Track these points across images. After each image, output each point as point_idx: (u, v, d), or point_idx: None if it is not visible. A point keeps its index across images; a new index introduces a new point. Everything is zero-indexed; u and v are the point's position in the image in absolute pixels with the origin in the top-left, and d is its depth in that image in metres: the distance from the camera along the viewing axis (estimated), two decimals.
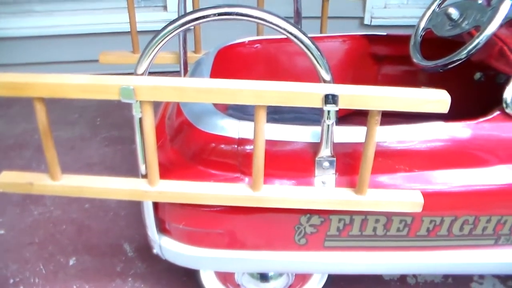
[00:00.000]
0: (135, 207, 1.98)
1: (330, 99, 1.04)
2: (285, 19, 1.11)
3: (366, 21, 3.01)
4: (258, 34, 1.94)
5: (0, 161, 2.39)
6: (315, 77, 1.69)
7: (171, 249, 1.38)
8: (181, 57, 1.84)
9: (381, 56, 1.87)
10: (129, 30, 2.69)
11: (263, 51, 1.76)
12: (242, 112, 1.66)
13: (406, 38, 1.71)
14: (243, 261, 1.37)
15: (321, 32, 2.05)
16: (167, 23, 1.14)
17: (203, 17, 1.09)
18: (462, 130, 1.26)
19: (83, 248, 1.90)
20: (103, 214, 2.06)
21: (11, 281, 1.78)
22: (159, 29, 2.82)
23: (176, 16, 2.94)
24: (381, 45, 1.84)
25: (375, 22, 3.00)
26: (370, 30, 2.95)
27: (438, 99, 1.05)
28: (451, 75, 1.49)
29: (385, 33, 1.82)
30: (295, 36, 1.11)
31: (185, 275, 1.73)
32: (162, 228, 1.39)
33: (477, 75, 1.71)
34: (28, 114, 2.73)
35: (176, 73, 1.88)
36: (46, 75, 1.09)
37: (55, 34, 2.91)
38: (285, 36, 1.73)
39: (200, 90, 1.05)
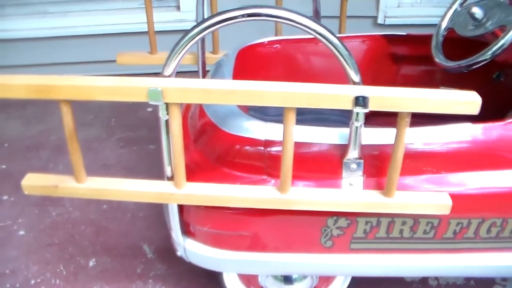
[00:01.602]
0: (154, 208, 1.98)
1: (361, 101, 1.03)
2: (314, 19, 1.10)
3: (380, 20, 2.99)
4: (276, 34, 1.93)
5: (18, 162, 2.40)
6: (334, 78, 1.69)
7: (196, 251, 1.38)
8: (199, 58, 1.84)
9: (400, 56, 1.86)
10: (143, 30, 2.70)
11: (283, 51, 1.75)
12: (263, 113, 1.65)
13: (426, 38, 1.70)
14: (268, 263, 1.37)
15: (340, 32, 2.03)
16: (179, 21, 1.13)
17: (232, 18, 1.09)
18: (490, 131, 1.25)
19: (103, 250, 1.90)
20: (122, 215, 2.06)
21: (32, 282, 1.78)
22: (172, 29, 2.83)
23: (188, 16, 2.95)
24: (400, 45, 1.83)
25: (388, 21, 2.98)
26: (384, 29, 2.95)
27: (469, 101, 1.04)
28: (468, 74, 1.48)
29: (405, 33, 1.81)
30: (325, 37, 1.10)
31: (206, 276, 1.73)
32: (186, 231, 1.38)
33: (496, 74, 1.70)
34: (44, 115, 2.74)
35: (192, 73, 1.87)
36: (72, 78, 1.08)
37: (69, 35, 2.91)
38: (304, 37, 1.75)
39: (229, 92, 1.04)
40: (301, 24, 1.10)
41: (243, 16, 1.08)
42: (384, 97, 1.04)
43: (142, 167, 2.33)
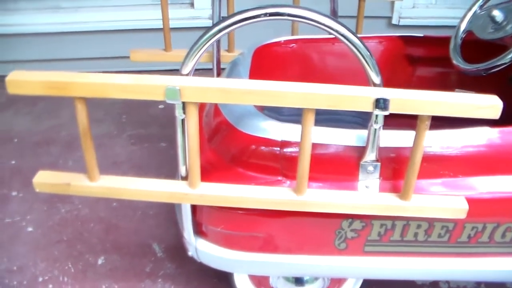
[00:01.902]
0: (164, 206, 1.97)
1: (381, 103, 1.02)
2: (336, 19, 1.09)
3: (394, 21, 2.97)
4: (292, 34, 1.91)
5: (27, 158, 2.39)
6: (350, 78, 1.67)
7: (208, 252, 1.36)
8: (214, 56, 1.82)
9: (416, 57, 1.84)
10: (155, 27, 2.68)
11: (299, 51, 1.74)
12: (277, 112, 1.64)
13: (443, 40, 1.69)
14: (281, 265, 1.35)
15: (356, 33, 2.01)
16: (193, 18, 1.10)
17: (253, 17, 1.07)
18: (508, 135, 1.23)
19: (112, 248, 1.89)
20: (131, 213, 2.05)
21: (40, 279, 1.77)
22: (186, 26, 2.80)
23: (202, 13, 2.93)
24: (417, 46, 1.81)
25: (403, 22, 2.97)
26: (398, 30, 2.94)
27: (491, 105, 1.02)
28: (483, 77, 1.47)
29: (421, 35, 1.79)
30: (347, 38, 1.09)
31: (216, 276, 1.72)
32: (198, 231, 1.37)
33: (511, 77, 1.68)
34: (54, 111, 2.73)
35: (206, 71, 1.85)
36: (88, 75, 1.07)
37: (81, 31, 2.91)
38: (320, 36, 1.74)
39: (248, 92, 1.02)
40: (323, 24, 1.08)
41: (265, 15, 1.07)
42: (406, 100, 1.02)
43: (153, 165, 2.32)
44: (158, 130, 2.58)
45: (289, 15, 1.07)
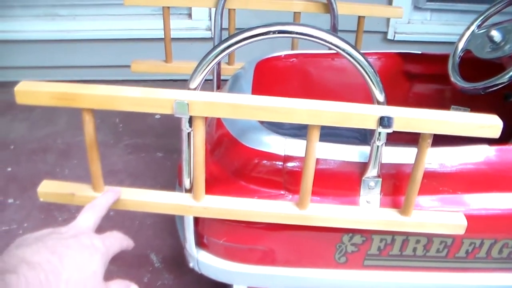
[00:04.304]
0: (162, 216, 1.97)
1: (385, 121, 1.04)
2: (342, 38, 1.11)
3: (390, 36, 3.00)
4: (292, 48, 1.94)
5: (23, 165, 2.38)
6: (348, 93, 1.70)
7: (209, 263, 1.38)
8: (214, 68, 1.84)
9: (413, 74, 1.87)
10: (153, 37, 2.70)
11: (299, 65, 1.76)
12: (277, 126, 1.66)
13: (440, 57, 1.72)
14: (281, 277, 1.37)
15: None
16: (191, 29, 1.11)
17: (263, 34, 1.09)
18: (507, 154, 1.26)
19: None
20: (129, 222, 2.05)
21: None
22: (183, 37, 2.82)
23: (200, 24, 2.95)
24: (415, 63, 1.84)
25: (398, 37, 3.00)
26: (393, 45, 2.97)
27: (492, 124, 1.05)
28: (479, 94, 1.49)
29: (419, 52, 1.82)
30: (353, 57, 1.11)
31: None
32: (200, 242, 1.38)
33: (507, 95, 1.71)
34: (51, 118, 2.73)
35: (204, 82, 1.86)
36: (98, 86, 1.08)
37: (78, 39, 2.91)
38: (320, 51, 1.77)
39: (256, 108, 1.04)
40: (330, 42, 1.10)
41: (273, 33, 1.09)
42: (410, 118, 1.04)
43: (149, 175, 2.33)
44: (155, 140, 2.58)
45: (297, 33, 1.09)
